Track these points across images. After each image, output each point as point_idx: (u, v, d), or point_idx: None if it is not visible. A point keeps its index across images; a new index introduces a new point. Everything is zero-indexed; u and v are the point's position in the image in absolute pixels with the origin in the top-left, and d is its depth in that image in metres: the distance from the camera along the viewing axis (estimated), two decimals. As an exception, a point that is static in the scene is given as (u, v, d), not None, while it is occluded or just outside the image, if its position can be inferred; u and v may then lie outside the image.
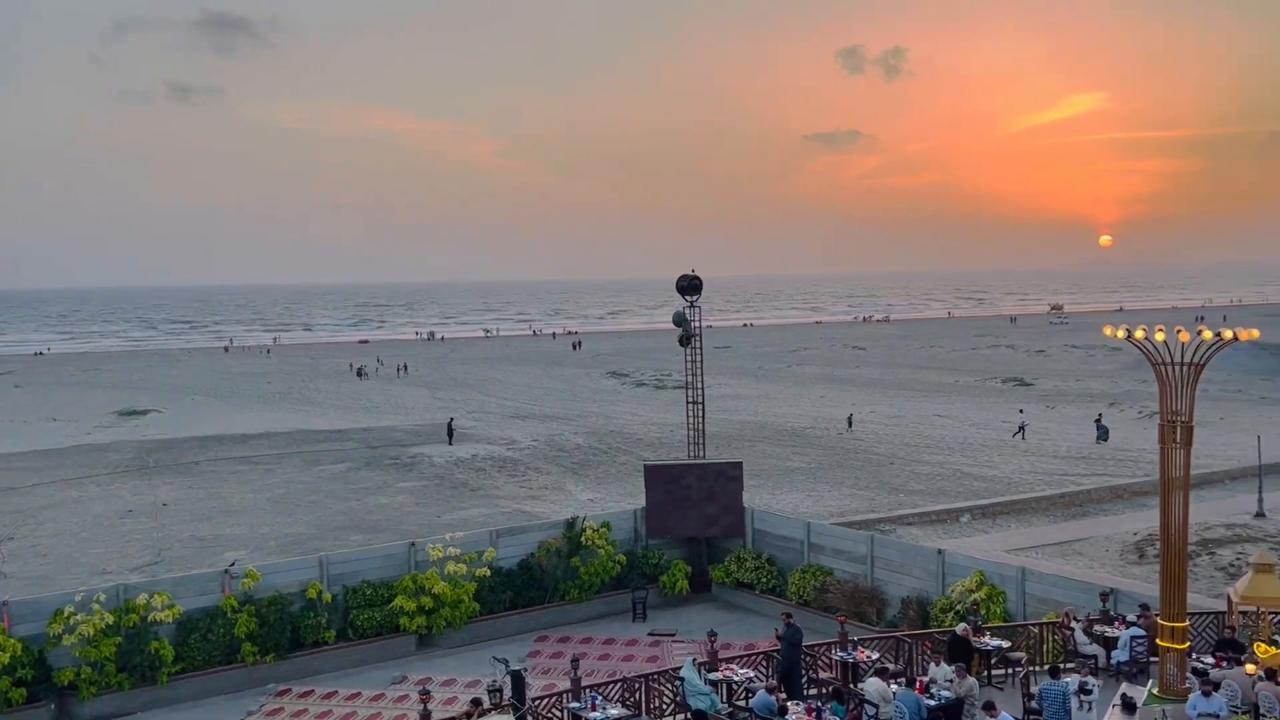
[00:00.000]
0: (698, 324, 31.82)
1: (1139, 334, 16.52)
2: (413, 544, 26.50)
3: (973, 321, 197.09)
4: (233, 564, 28.12)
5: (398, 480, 46.86)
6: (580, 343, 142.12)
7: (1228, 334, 16.17)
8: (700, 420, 31.17)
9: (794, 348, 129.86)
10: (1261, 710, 15.57)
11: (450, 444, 55.66)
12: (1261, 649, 17.34)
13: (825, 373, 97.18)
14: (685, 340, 31.66)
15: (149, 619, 23.14)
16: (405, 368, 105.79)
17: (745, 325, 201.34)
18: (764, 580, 27.88)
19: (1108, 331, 17.22)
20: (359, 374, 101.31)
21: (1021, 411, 59.55)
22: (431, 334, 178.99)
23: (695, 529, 29.12)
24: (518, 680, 18.43)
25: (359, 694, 22.83)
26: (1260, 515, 34.16)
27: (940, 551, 24.61)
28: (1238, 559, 28.76)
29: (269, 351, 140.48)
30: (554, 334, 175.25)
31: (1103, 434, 52.98)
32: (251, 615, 23.94)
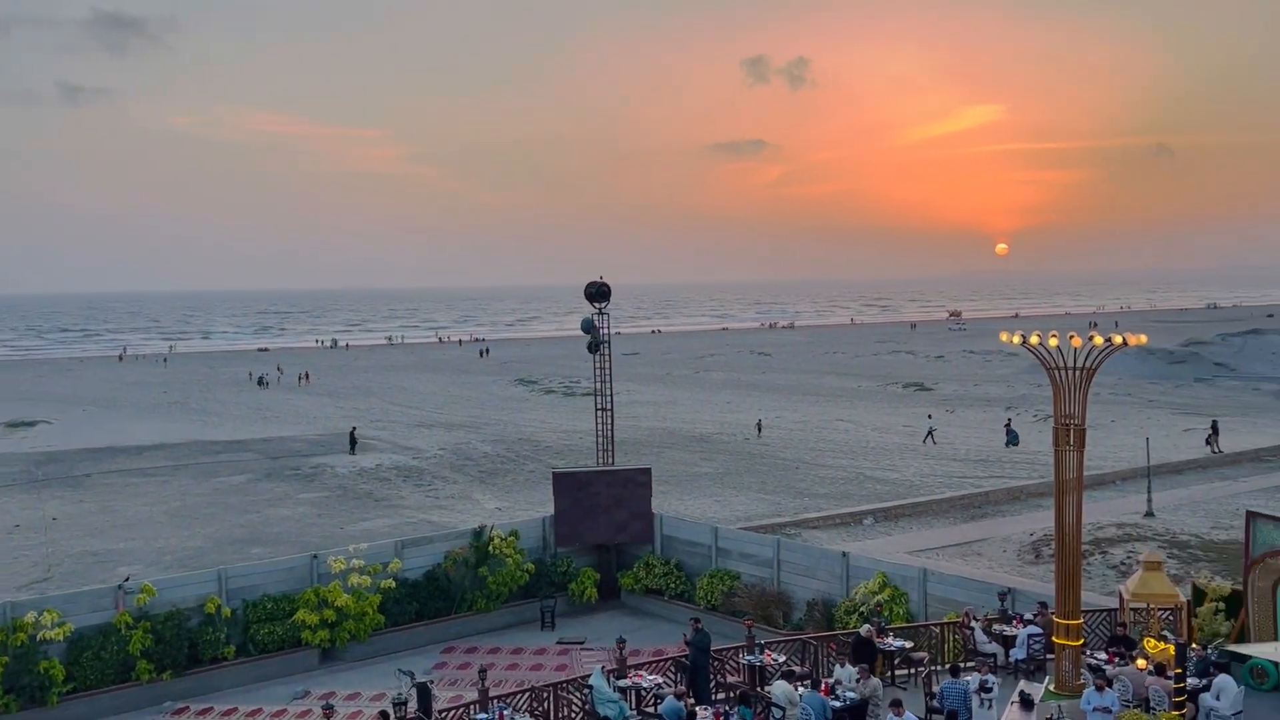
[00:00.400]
0: (607, 331, 31.78)
1: (1034, 339, 16.99)
2: (315, 556, 25.93)
3: (875, 328, 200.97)
4: (127, 579, 27.15)
5: (299, 491, 45.90)
6: (488, 350, 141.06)
7: (1118, 339, 16.70)
8: (609, 427, 31.15)
9: (701, 354, 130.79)
10: (1152, 704, 16.10)
11: (353, 454, 54.79)
12: (1151, 645, 17.95)
13: (732, 379, 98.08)
14: (594, 347, 31.62)
15: (38, 638, 22.21)
16: (307, 376, 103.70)
17: (654, 332, 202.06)
18: (672, 586, 27.95)
19: (1004, 337, 17.67)
20: (259, 383, 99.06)
21: (930, 417, 60.93)
22: (334, 341, 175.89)
23: (604, 536, 29.07)
24: (424, 692, 18.14)
25: (260, 710, 22.22)
26: (1149, 515, 35.42)
27: (844, 554, 24.98)
28: (1129, 557, 29.78)
29: (165, 360, 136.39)
30: (460, 341, 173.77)
31: (1013, 438, 54.25)
32: (147, 632, 23.14)
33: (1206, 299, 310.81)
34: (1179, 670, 15.78)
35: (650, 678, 19.05)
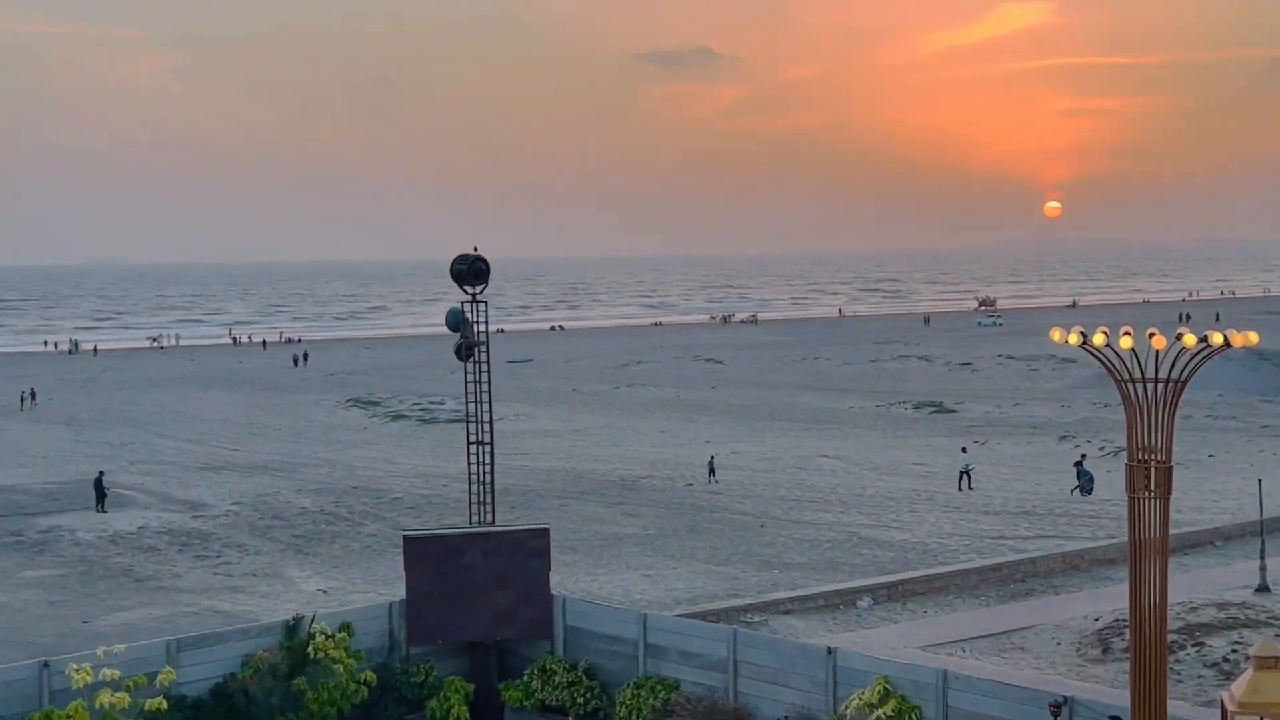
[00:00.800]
0: (484, 327, 31.67)
1: (1098, 339, 17.31)
2: (46, 664, 25.44)
3: (873, 322, 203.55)
4: None
5: (20, 568, 45.05)
6: (306, 355, 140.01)
7: (1218, 339, 17.10)
8: (488, 469, 30.98)
9: (625, 361, 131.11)
10: None
11: (102, 511, 54.03)
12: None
13: (669, 397, 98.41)
14: (466, 351, 31.48)
15: None
16: (33, 396, 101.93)
17: (555, 329, 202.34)
18: (581, 701, 27.89)
19: (1056, 336, 17.98)
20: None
21: (965, 451, 61.22)
22: (74, 344, 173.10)
23: (480, 629, 28.92)
24: None
25: None
26: (1263, 589, 36.20)
27: (831, 651, 25.15)
28: (1234, 651, 30.44)
29: None
30: (265, 342, 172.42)
31: (1086, 483, 54.53)
32: None
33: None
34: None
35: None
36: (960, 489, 55.51)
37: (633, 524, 49.62)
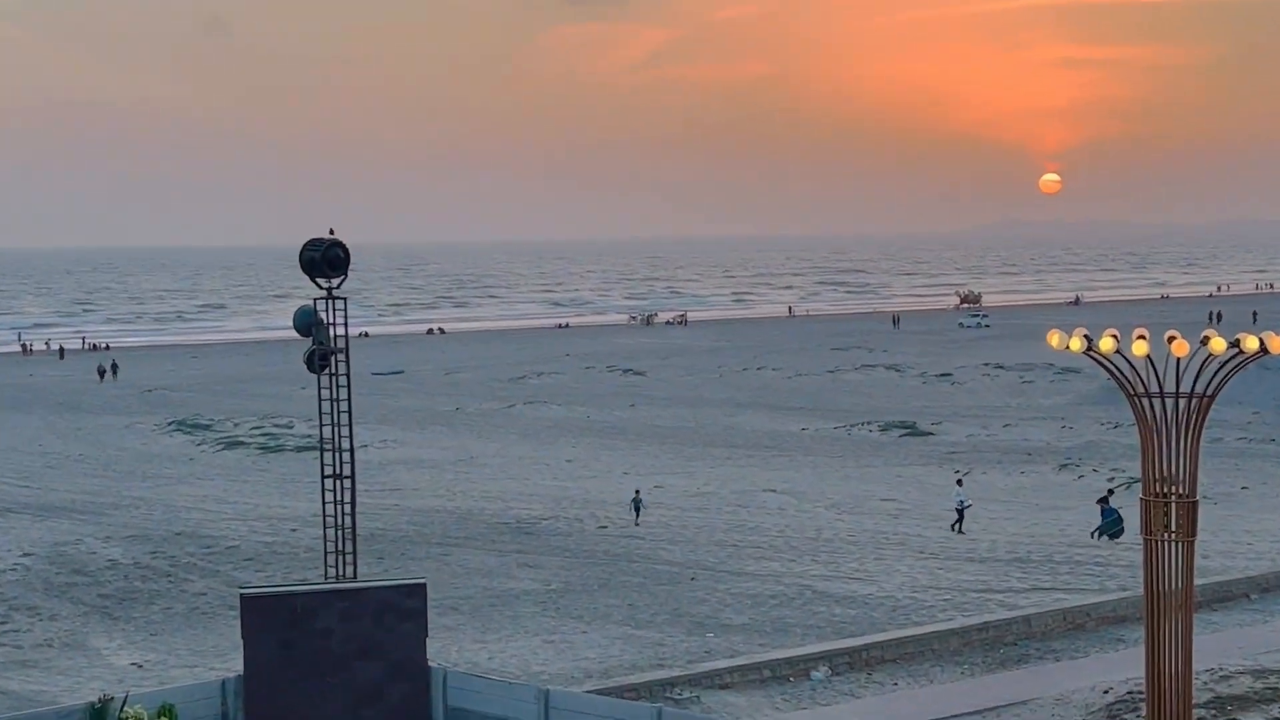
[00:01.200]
0: (343, 330, 31.47)
1: (1106, 344, 17.45)
2: None
3: (831, 323, 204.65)
4: None
5: None
6: (116, 366, 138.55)
7: (1252, 343, 17.29)
8: (347, 509, 30.74)
9: (522, 372, 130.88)
10: None
11: None
12: None
13: (577, 418, 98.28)
14: (320, 361, 31.27)
15: None
16: None
17: (433, 332, 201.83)
18: (465, 802, 27.75)
19: (1055, 341, 18.13)
20: None
21: (960, 484, 61.26)
22: None
23: (338, 712, 28.71)
24: None
25: None
26: (1306, 652, 36.64)
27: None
28: (1272, 727, 30.79)
29: None
30: (62, 349, 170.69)
31: (1111, 523, 54.42)
32: None
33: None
34: None
35: None
36: (957, 530, 55.77)
37: (532, 577, 49.39)
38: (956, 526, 56.27)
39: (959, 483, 61.43)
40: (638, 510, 59.32)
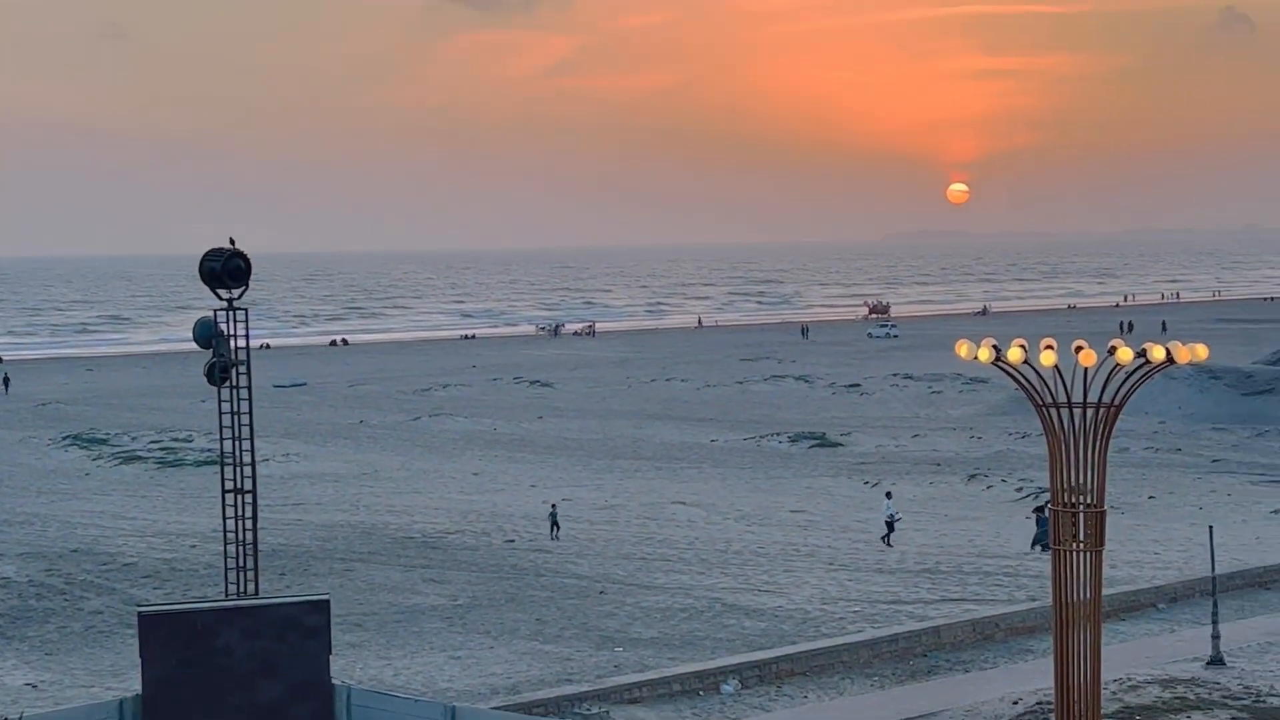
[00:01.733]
0: (245, 342, 31.23)
1: (1014, 355, 17.57)
2: None
3: (740, 334, 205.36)
4: None
5: None
6: (7, 379, 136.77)
7: (1159, 353, 17.46)
8: (248, 524, 30.50)
9: (428, 384, 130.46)
10: None
11: None
12: None
13: (483, 430, 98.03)
14: (221, 373, 31.01)
15: None
16: None
17: (336, 343, 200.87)
18: (369, 821, 27.57)
19: (964, 351, 18.23)
20: None
21: (889, 496, 60.37)
22: None
23: (238, 731, 28.46)
24: None
25: None
26: (1216, 662, 36.97)
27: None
28: (1180, 738, 31.04)
29: None
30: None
31: (1044, 534, 54.86)
32: None
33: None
34: None
35: None
36: (886, 543, 55.83)
37: (438, 592, 49.18)
38: (886, 539, 56.39)
39: (888, 495, 61.07)
40: (555, 525, 59.22)
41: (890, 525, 56.84)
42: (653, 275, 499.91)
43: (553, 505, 61.37)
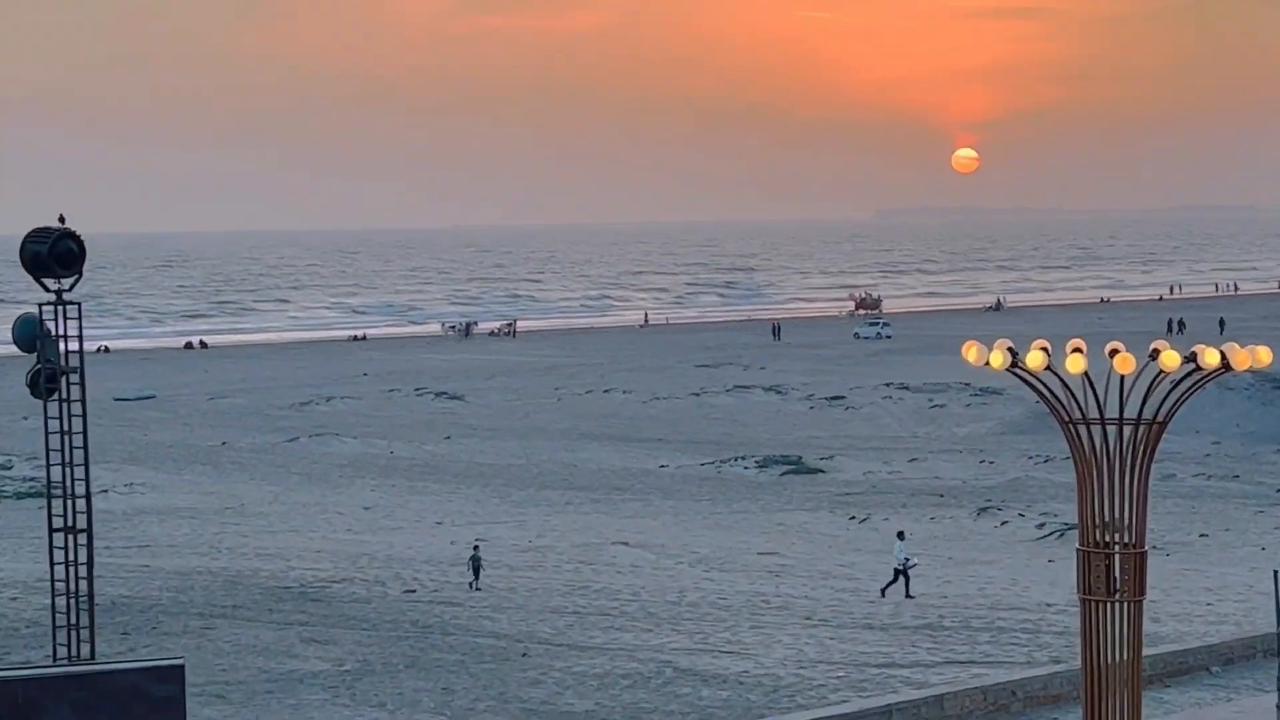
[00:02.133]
0: (77, 345, 31.11)
1: (1034, 359, 17.55)
2: None
3: (697, 333, 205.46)
4: None
5: None
6: None
7: (1212, 357, 17.46)
8: (84, 571, 30.34)
9: (307, 397, 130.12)
10: None
11: None
12: None
13: (377, 454, 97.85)
14: (47, 383, 30.89)
15: None
16: None
17: (192, 345, 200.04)
18: None
19: (973, 355, 18.20)
20: None
21: (901, 538, 59.29)
22: None
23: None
24: None
25: None
26: (1281, 735, 37.21)
27: None
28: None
29: None
30: None
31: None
32: None
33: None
34: None
35: None
36: (905, 595, 54.98)
37: (320, 655, 49.00)
38: (905, 590, 55.49)
39: (900, 536, 59.38)
40: (476, 570, 59.07)
41: (903, 574, 55.77)
42: (592, 262, 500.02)
43: (475, 546, 61.26)
